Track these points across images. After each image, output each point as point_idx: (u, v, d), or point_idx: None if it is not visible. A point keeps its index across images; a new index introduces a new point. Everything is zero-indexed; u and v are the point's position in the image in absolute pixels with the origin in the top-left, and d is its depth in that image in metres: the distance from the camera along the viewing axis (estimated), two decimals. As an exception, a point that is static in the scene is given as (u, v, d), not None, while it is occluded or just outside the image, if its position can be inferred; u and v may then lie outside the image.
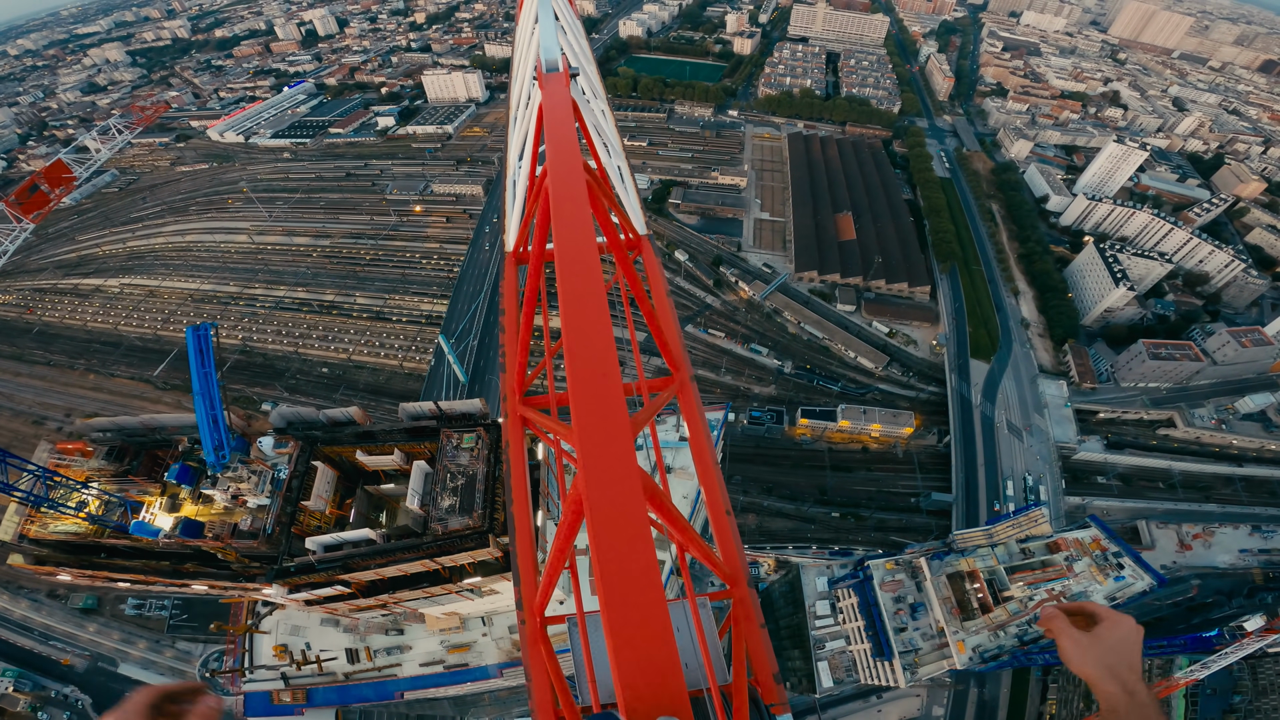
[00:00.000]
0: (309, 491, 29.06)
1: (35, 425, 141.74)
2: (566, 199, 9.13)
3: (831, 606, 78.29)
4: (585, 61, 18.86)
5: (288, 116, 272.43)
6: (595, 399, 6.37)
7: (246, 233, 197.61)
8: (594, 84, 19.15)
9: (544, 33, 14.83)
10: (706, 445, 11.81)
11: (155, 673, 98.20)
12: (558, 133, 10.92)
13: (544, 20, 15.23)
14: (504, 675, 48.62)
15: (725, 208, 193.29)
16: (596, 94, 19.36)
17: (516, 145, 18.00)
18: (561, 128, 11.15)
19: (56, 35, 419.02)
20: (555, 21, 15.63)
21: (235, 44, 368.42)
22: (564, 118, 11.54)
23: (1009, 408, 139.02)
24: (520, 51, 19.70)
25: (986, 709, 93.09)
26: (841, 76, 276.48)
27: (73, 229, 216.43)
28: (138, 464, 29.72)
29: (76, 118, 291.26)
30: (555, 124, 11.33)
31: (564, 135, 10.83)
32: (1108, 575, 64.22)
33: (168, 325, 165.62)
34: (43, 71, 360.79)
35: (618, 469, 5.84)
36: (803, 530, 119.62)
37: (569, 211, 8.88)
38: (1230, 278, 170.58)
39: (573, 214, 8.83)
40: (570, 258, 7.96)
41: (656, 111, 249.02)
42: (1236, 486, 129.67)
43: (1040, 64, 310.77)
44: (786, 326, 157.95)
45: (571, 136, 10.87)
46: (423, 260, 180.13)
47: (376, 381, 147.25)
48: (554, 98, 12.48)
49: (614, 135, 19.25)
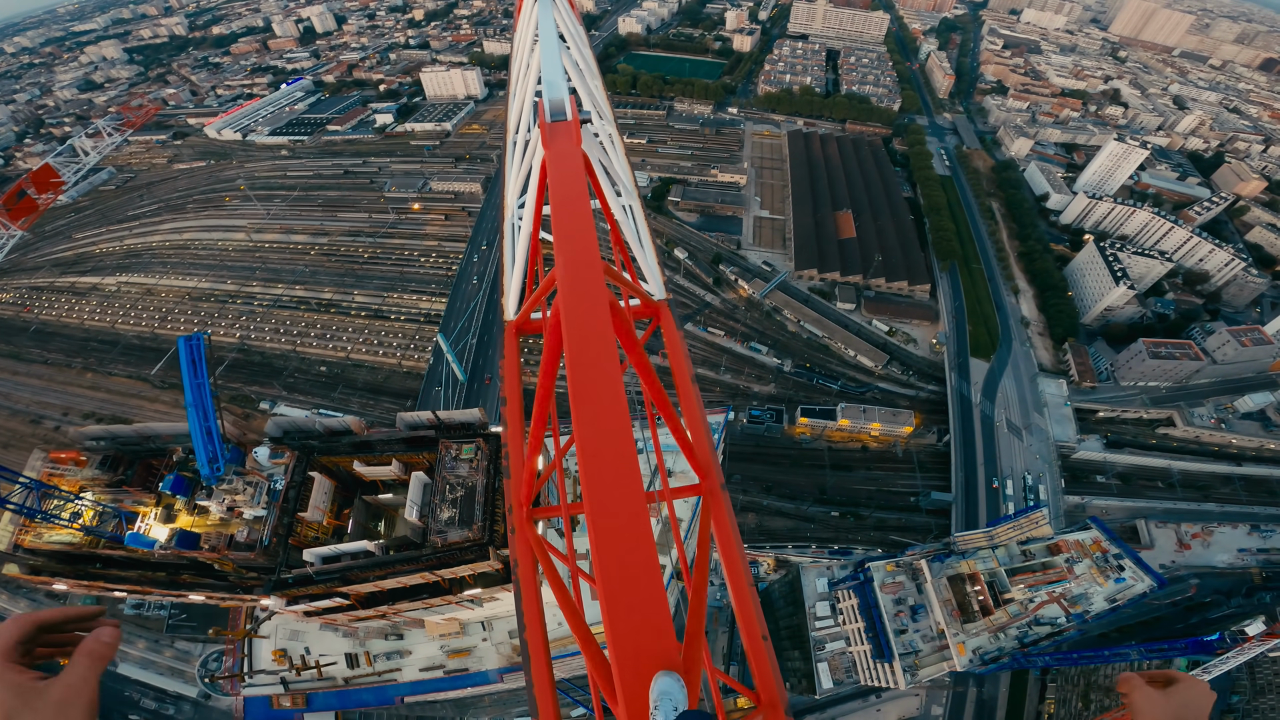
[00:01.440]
0: (306, 503, 28.77)
1: (33, 425, 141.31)
2: (584, 324, 7.41)
3: (832, 608, 78.30)
4: (590, 80, 17.50)
5: (285, 114, 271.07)
6: (619, 550, 5.72)
7: (244, 230, 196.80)
8: (601, 104, 17.96)
9: (546, 62, 12.89)
10: (740, 564, 10.00)
11: (154, 672, 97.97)
12: (569, 226, 8.83)
13: (545, 41, 13.54)
14: (504, 680, 48.50)
15: (725, 205, 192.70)
16: (603, 114, 18.11)
17: (515, 186, 16.42)
18: (572, 209, 9.20)
19: (53, 33, 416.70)
20: (559, 42, 13.95)
21: (233, 41, 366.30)
22: (574, 193, 9.61)
23: (1009, 406, 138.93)
24: (518, 69, 18.50)
25: (985, 708, 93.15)
26: (841, 74, 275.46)
27: (69, 227, 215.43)
28: (132, 473, 29.39)
29: (73, 115, 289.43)
30: (564, 200, 9.40)
31: (577, 227, 8.79)
32: (1108, 577, 64.14)
33: (165, 323, 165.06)
34: (39, 69, 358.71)
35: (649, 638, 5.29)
36: (802, 529, 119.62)
37: (588, 340, 7.25)
38: (1230, 276, 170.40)
39: (592, 339, 7.24)
40: (587, 396, 6.70)
41: (656, 109, 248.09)
42: (1235, 486, 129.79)
43: (1041, 62, 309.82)
44: (786, 325, 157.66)
45: (587, 226, 8.90)
46: (421, 258, 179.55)
47: (375, 380, 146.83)
48: (562, 166, 10.50)
49: (628, 179, 17.55)
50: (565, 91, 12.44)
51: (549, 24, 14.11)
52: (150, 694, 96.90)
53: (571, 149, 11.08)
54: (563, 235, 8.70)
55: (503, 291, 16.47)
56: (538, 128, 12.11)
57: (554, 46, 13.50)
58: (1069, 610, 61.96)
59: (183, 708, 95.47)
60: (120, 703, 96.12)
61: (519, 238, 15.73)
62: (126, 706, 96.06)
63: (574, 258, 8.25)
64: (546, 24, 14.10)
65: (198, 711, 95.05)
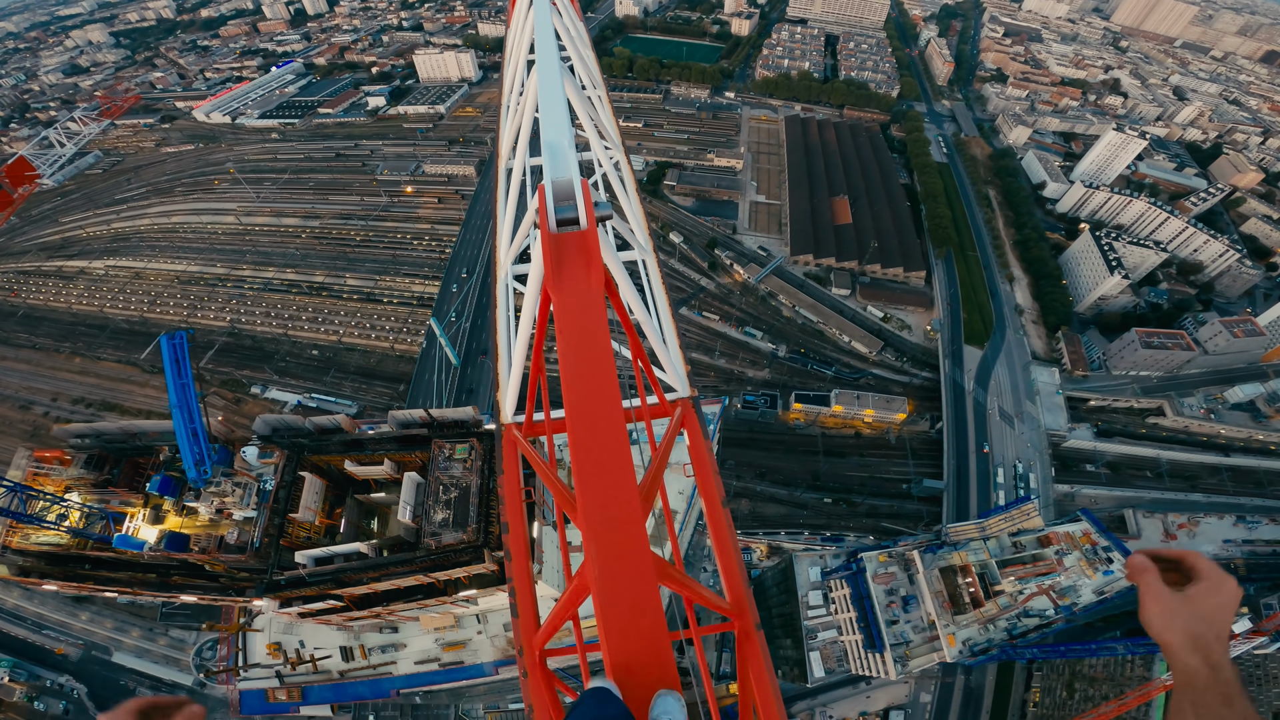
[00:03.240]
0: (297, 503, 28.38)
1: (22, 410, 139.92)
2: (610, 533, 6.05)
3: (824, 597, 78.96)
4: (602, 114, 15.02)
5: (275, 97, 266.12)
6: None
7: (234, 214, 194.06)
8: (609, 129, 15.84)
9: (547, 116, 9.80)
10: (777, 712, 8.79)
11: (149, 661, 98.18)
12: (594, 459, 6.56)
13: (545, 70, 10.35)
14: (499, 672, 48.69)
15: (721, 190, 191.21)
16: (611, 139, 15.75)
17: (506, 235, 13.99)
18: (598, 431, 6.78)
19: (38, 17, 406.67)
20: (561, 69, 10.63)
21: (221, 24, 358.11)
22: (598, 386, 7.13)
23: (1001, 394, 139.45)
24: (510, 81, 16.68)
25: (972, 696, 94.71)
26: (840, 59, 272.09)
27: (55, 211, 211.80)
28: (118, 473, 28.94)
29: (59, 100, 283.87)
30: (583, 405, 6.99)
31: (607, 464, 6.49)
32: (1097, 569, 64.84)
33: (154, 307, 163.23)
34: (25, 54, 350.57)
35: None
36: (795, 516, 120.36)
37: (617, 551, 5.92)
38: (1224, 267, 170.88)
39: (620, 544, 5.97)
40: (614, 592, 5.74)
41: (652, 92, 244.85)
42: (1223, 476, 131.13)
43: (1041, 50, 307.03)
44: (781, 310, 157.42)
45: (618, 422, 6.78)
46: (414, 241, 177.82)
47: (368, 364, 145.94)
48: (576, 326, 7.73)
49: (645, 239, 14.93)
50: (575, 169, 9.25)
51: (548, 43, 11.19)
52: (146, 682, 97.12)
53: (590, 296, 7.98)
54: (590, 490, 6.29)
55: (497, 386, 13.87)
56: (537, 231, 8.84)
57: (556, 85, 10.39)
58: (1057, 602, 62.68)
59: (178, 696, 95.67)
60: (116, 692, 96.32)
61: (515, 341, 12.91)
62: (122, 695, 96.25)
63: (609, 548, 6.01)
64: (545, 41, 11.25)
65: (193, 699, 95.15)
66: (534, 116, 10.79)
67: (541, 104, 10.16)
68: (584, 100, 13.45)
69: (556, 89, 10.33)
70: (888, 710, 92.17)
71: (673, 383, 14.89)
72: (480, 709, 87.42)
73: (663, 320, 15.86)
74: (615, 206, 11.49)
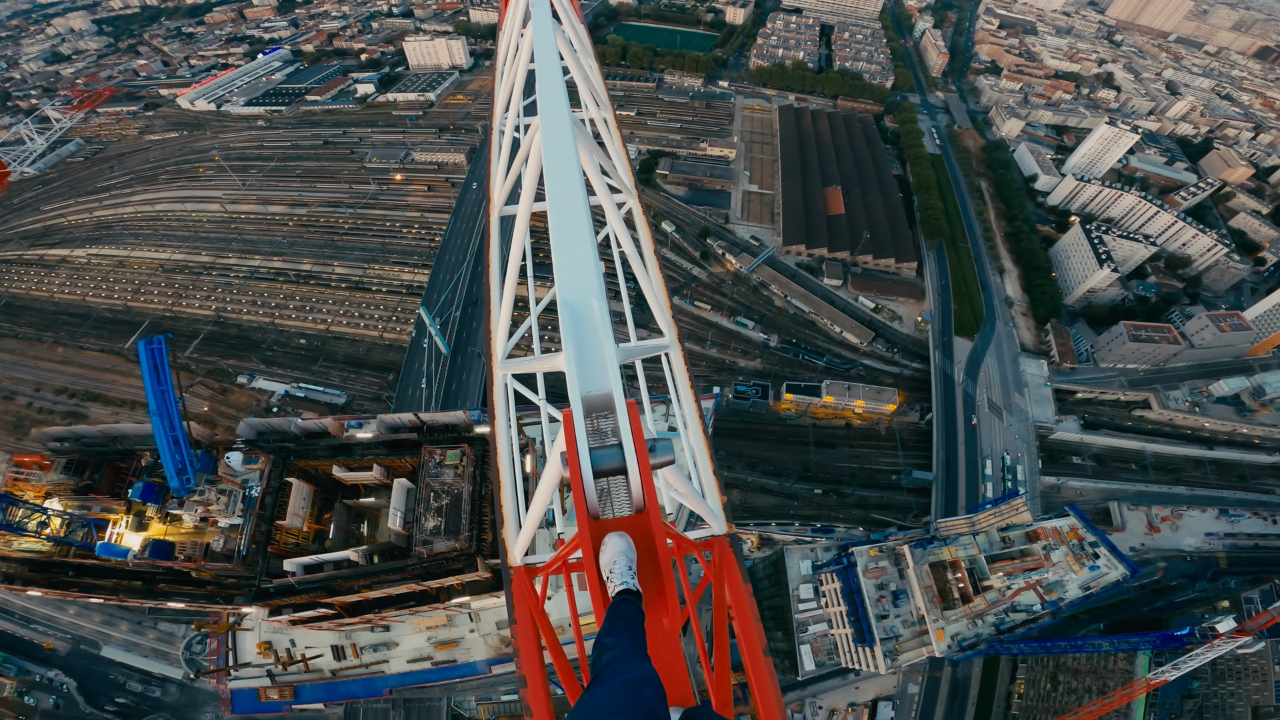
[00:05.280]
0: (284, 509, 27.86)
1: (5, 400, 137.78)
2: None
3: (815, 590, 79.58)
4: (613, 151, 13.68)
5: (262, 84, 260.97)
6: None
7: (219, 201, 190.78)
8: (625, 179, 14.37)
9: (567, 261, 8.00)
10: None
11: (139, 654, 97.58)
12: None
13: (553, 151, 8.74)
14: (492, 670, 48.65)
15: (713, 179, 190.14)
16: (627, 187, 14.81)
17: (497, 320, 12.92)
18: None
19: (20, 5, 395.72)
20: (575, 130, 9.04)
21: (207, 10, 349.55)
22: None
23: (990, 386, 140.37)
24: (505, 90, 15.98)
25: (959, 687, 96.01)
26: (835, 49, 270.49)
27: (37, 199, 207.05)
28: (99, 478, 28.25)
29: (40, 88, 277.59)
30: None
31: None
32: (1083, 565, 65.57)
33: (138, 296, 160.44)
34: (6, 42, 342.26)
35: None
36: (785, 507, 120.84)
37: None
38: (1212, 261, 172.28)
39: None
40: None
41: (645, 81, 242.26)
42: (1206, 469, 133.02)
43: (1036, 43, 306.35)
44: (773, 300, 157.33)
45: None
46: (403, 229, 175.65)
47: (356, 353, 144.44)
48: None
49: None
50: (616, 375, 6.70)
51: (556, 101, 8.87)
52: (135, 676, 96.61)
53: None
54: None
55: (502, 522, 12.45)
56: (575, 522, 6.66)
57: (576, 193, 7.77)
58: (1044, 597, 63.40)
59: (169, 689, 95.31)
60: (106, 685, 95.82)
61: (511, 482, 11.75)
62: (112, 689, 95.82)
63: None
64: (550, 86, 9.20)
65: (184, 693, 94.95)
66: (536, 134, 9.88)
67: (555, 235, 7.64)
68: (593, 154, 11.85)
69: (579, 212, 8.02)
70: (875, 701, 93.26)
71: (706, 517, 13.16)
72: (473, 700, 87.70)
73: (696, 449, 14.05)
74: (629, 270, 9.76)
